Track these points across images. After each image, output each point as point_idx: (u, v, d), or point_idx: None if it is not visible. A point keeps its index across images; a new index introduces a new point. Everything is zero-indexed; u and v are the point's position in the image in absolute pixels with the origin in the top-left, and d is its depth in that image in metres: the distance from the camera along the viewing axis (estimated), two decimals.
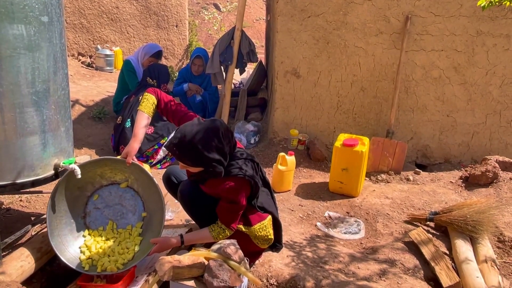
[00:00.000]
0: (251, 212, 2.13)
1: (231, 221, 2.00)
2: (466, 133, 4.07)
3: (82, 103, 4.74)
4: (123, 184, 2.22)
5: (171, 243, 2.02)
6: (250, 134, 4.25)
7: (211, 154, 1.87)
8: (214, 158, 1.89)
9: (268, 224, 2.19)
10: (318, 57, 3.97)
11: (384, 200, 3.24)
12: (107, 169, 2.18)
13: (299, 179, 3.65)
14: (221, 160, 1.92)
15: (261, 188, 2.15)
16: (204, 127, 1.89)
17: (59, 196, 2.08)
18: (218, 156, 1.90)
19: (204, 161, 1.88)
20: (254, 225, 2.12)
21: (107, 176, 2.20)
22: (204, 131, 1.87)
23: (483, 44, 3.85)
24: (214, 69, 4.42)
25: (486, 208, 2.63)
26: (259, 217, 2.15)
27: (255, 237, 2.14)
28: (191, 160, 1.89)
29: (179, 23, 7.27)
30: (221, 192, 1.98)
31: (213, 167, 1.90)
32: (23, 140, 1.94)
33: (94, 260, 2.05)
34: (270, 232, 2.21)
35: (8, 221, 2.50)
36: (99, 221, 2.20)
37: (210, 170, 1.92)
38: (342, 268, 2.30)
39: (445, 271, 2.30)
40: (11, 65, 1.83)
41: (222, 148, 1.91)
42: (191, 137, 1.84)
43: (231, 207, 1.98)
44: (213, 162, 1.89)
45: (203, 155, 1.86)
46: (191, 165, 1.93)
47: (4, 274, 1.87)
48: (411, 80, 3.97)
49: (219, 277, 1.71)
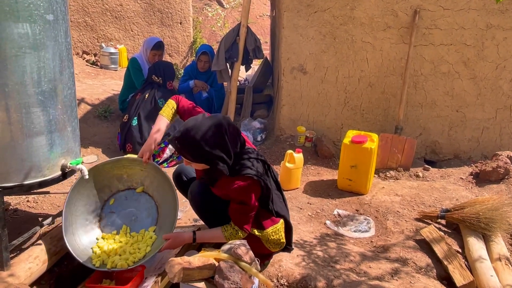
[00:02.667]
0: (265, 217, 2.09)
1: (243, 223, 1.96)
2: (476, 129, 4.01)
3: (87, 102, 4.72)
4: (139, 189, 2.26)
5: (183, 239, 2.01)
6: (257, 132, 4.21)
7: (213, 150, 1.82)
8: (215, 155, 1.83)
9: (281, 228, 2.15)
10: (325, 52, 3.92)
11: (393, 197, 3.19)
12: (124, 171, 2.22)
13: (307, 177, 3.61)
14: (224, 157, 1.86)
15: (274, 191, 2.10)
16: (207, 122, 1.85)
17: (77, 196, 2.12)
18: (220, 153, 1.84)
19: (205, 157, 1.84)
20: (267, 229, 2.08)
21: (124, 180, 2.24)
22: (207, 126, 1.83)
23: (493, 37, 3.79)
24: (220, 66, 4.38)
25: (499, 205, 2.58)
26: (272, 221, 2.11)
27: (267, 240, 2.10)
28: (192, 155, 1.85)
29: (183, 20, 7.23)
30: (230, 192, 1.94)
31: (215, 164, 1.84)
32: (30, 141, 1.92)
33: (105, 259, 2.04)
34: (283, 235, 2.17)
35: (15, 222, 2.48)
36: (113, 225, 2.23)
37: (212, 168, 1.88)
38: (354, 267, 2.27)
39: (459, 270, 2.26)
40: (17, 64, 1.80)
41: (225, 145, 1.86)
42: (193, 132, 1.82)
43: (242, 208, 1.94)
44: (215, 158, 1.84)
45: (204, 150, 1.82)
46: (192, 160, 1.88)
47: (12, 276, 1.86)
48: (420, 75, 3.91)
49: (230, 278, 1.68)
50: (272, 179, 2.12)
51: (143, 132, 3.68)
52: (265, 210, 2.09)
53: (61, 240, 2.13)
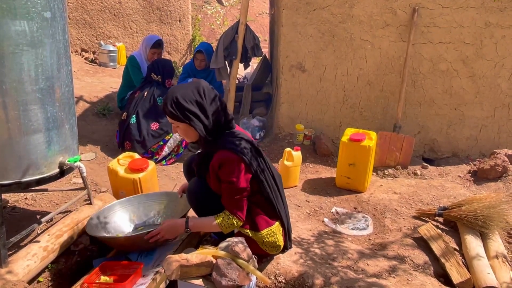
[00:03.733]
0: (258, 214, 2.07)
1: (233, 206, 1.94)
2: (474, 127, 4.01)
3: (86, 100, 4.72)
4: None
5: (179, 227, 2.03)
6: (255, 129, 4.21)
7: (189, 104, 1.90)
8: (190, 109, 1.90)
9: (276, 230, 2.11)
10: (324, 50, 3.92)
11: (391, 195, 3.20)
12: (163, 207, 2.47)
13: (305, 175, 3.62)
14: (199, 115, 1.91)
15: (270, 184, 2.09)
16: (189, 84, 1.99)
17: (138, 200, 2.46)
18: (196, 109, 1.91)
19: (181, 111, 1.90)
20: (261, 231, 2.06)
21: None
22: (187, 86, 1.97)
23: (492, 36, 3.79)
24: (219, 64, 4.38)
25: (496, 203, 2.59)
26: (266, 223, 2.08)
27: (262, 243, 2.08)
28: (171, 113, 1.91)
29: (182, 17, 7.22)
30: (214, 168, 1.96)
31: (189, 119, 1.90)
32: (27, 138, 1.92)
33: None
34: (279, 238, 2.13)
35: (13, 219, 2.48)
36: None
37: (190, 126, 1.92)
38: (351, 265, 2.27)
39: (456, 267, 2.26)
40: (14, 62, 1.80)
41: (201, 103, 1.92)
42: (175, 89, 1.96)
43: (229, 188, 1.93)
44: (190, 113, 1.90)
45: (180, 105, 1.89)
46: (172, 117, 1.94)
47: (11, 274, 1.86)
48: (418, 73, 3.91)
49: (228, 275, 1.68)
50: (271, 175, 2.11)
51: (142, 130, 3.67)
52: (261, 207, 2.08)
53: (59, 237, 2.14)
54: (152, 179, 2.80)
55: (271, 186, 2.09)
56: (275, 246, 2.14)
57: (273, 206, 2.11)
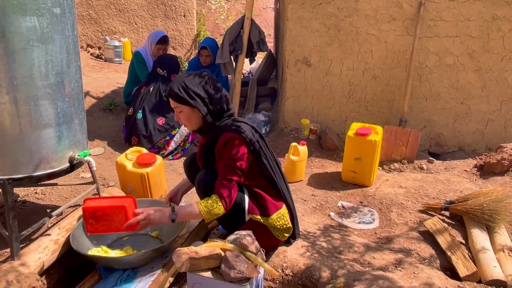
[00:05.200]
0: (265, 199, 2.09)
1: (224, 187, 1.93)
2: (481, 121, 4.00)
3: (92, 95, 4.75)
4: (154, 233, 2.34)
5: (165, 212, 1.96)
6: (261, 124, 4.22)
7: (195, 88, 1.97)
8: (196, 92, 1.96)
9: (284, 213, 2.16)
10: (330, 45, 3.92)
11: (397, 189, 3.21)
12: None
13: (311, 169, 3.63)
14: (204, 98, 1.98)
15: (273, 166, 2.12)
16: (194, 72, 2.07)
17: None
18: (202, 92, 1.98)
19: (188, 93, 1.95)
20: (271, 215, 2.09)
21: None
22: (193, 73, 2.05)
23: (499, 29, 3.76)
24: (224, 59, 4.39)
25: (503, 196, 2.59)
26: (275, 207, 2.12)
27: (274, 228, 2.12)
28: (177, 95, 1.96)
29: (187, 12, 7.22)
30: (219, 151, 2.00)
31: (195, 100, 1.96)
32: (38, 133, 1.95)
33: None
34: (288, 220, 2.18)
35: (24, 213, 2.52)
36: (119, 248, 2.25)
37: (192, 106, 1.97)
38: (357, 258, 2.29)
39: (462, 261, 2.27)
40: (25, 57, 1.83)
41: (207, 88, 1.99)
42: (182, 75, 2.04)
43: (227, 166, 1.95)
44: (196, 95, 1.96)
45: (187, 87, 1.96)
46: (177, 101, 1.98)
47: (23, 266, 1.90)
48: (425, 67, 3.90)
49: (236, 268, 1.70)
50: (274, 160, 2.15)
51: (148, 125, 3.70)
52: (267, 191, 2.10)
53: (69, 231, 2.17)
54: (159, 173, 2.83)
55: (273, 168, 2.12)
56: (285, 229, 2.17)
57: (277, 189, 2.14)
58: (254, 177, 2.09)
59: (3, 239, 2.08)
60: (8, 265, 1.90)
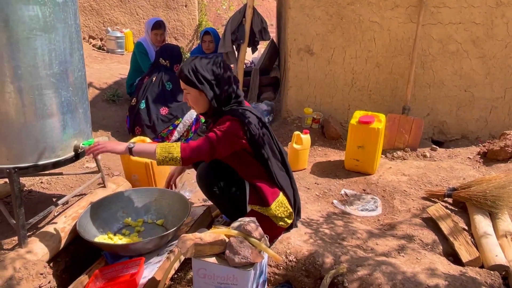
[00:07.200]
0: (262, 189, 2.08)
1: (192, 147, 1.98)
2: (484, 108, 3.99)
3: (95, 86, 4.76)
4: (159, 221, 2.37)
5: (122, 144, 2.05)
6: (264, 114, 4.23)
7: (205, 72, 1.99)
8: (205, 76, 1.99)
9: (282, 200, 2.15)
10: (332, 33, 3.90)
11: (400, 177, 3.21)
12: (154, 203, 2.40)
13: (314, 158, 3.64)
14: (213, 83, 2.01)
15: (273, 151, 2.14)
16: (207, 55, 2.13)
17: (102, 208, 2.28)
18: (211, 77, 2.00)
19: (196, 76, 1.98)
20: (271, 205, 2.09)
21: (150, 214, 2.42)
22: (205, 56, 2.07)
23: (503, 15, 3.73)
24: (226, 48, 4.38)
25: (506, 183, 2.59)
26: (272, 195, 2.11)
27: (275, 217, 2.12)
28: (186, 77, 1.99)
29: (189, 2, 7.17)
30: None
31: (202, 84, 1.99)
32: (43, 122, 1.96)
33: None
34: (287, 206, 2.18)
35: (30, 202, 2.55)
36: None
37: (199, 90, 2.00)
38: (361, 244, 2.31)
39: (465, 246, 2.29)
40: (28, 47, 1.84)
41: (217, 73, 2.02)
42: (193, 58, 2.06)
43: (207, 137, 1.98)
44: (204, 79, 1.99)
45: (197, 70, 1.99)
46: (186, 83, 2.01)
47: (31, 253, 1.93)
48: (428, 54, 3.88)
49: (241, 253, 1.73)
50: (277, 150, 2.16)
51: (151, 115, 3.71)
52: (263, 179, 2.10)
53: (75, 219, 2.20)
54: None
55: (271, 159, 2.12)
56: (287, 216, 2.17)
57: (272, 177, 2.13)
58: (250, 167, 2.10)
59: (11, 227, 2.11)
60: (15, 252, 1.93)
